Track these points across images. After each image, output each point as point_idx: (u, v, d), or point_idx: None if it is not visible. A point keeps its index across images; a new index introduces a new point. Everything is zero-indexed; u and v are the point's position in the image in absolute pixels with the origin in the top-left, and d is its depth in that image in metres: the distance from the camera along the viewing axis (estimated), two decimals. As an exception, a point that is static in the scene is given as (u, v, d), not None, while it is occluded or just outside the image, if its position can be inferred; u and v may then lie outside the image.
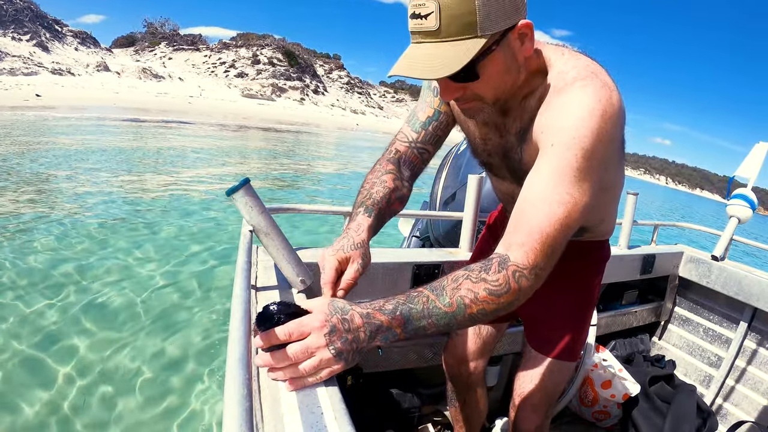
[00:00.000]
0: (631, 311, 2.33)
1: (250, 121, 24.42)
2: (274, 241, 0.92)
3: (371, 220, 0.90)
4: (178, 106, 25.61)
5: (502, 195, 1.22)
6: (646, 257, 2.22)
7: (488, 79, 0.77)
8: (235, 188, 0.87)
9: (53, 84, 25.41)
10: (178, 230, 5.13)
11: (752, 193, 2.19)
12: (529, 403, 1.25)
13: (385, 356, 1.65)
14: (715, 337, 2.31)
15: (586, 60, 0.83)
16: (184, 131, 15.77)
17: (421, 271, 1.58)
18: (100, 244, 4.37)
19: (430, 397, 1.88)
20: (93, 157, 8.60)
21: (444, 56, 0.70)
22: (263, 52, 46.62)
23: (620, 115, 0.76)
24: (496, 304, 0.69)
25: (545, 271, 0.73)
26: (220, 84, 41.05)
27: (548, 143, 0.77)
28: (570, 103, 0.76)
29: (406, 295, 0.70)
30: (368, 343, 0.67)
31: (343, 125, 35.77)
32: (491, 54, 0.74)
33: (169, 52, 45.23)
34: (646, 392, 2.05)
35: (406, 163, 1.05)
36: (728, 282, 2.20)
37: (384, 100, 63.73)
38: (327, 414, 0.59)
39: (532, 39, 0.78)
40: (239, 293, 0.69)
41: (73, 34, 36.84)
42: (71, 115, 15.28)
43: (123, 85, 30.90)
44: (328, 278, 0.78)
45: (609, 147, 0.76)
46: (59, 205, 5.37)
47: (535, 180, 0.76)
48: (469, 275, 0.70)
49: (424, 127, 1.05)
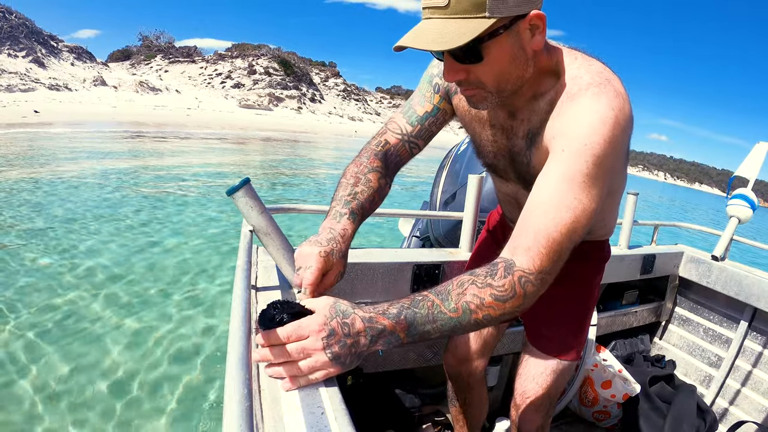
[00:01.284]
0: (632, 311, 2.33)
1: (248, 132, 24.49)
2: (275, 241, 0.92)
3: (355, 226, 0.89)
4: (176, 119, 25.64)
5: (503, 196, 1.21)
6: (646, 257, 2.22)
7: (492, 64, 0.76)
8: (235, 188, 0.87)
9: (51, 99, 25.46)
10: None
11: (752, 194, 2.19)
12: (531, 403, 1.24)
13: (386, 357, 1.65)
14: (715, 337, 2.31)
15: (599, 66, 0.83)
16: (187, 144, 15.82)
17: (421, 271, 1.58)
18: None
19: (431, 397, 1.88)
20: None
21: (449, 31, 0.70)
22: (259, 62, 46.74)
23: (630, 124, 0.77)
24: (501, 310, 0.69)
25: (551, 276, 0.72)
26: (217, 95, 41.13)
27: (559, 148, 0.77)
28: (583, 110, 0.76)
29: (411, 299, 0.69)
30: (369, 347, 0.66)
31: (341, 132, 35.86)
32: (498, 37, 0.72)
33: (165, 65, 45.34)
34: (646, 392, 2.05)
35: (393, 155, 1.03)
36: (728, 282, 2.20)
37: (381, 106, 63.82)
38: (327, 414, 0.59)
39: (543, 32, 0.76)
40: (239, 293, 0.69)
41: (69, 49, 36.90)
42: (67, 130, 15.29)
43: (120, 98, 30.95)
44: (313, 279, 0.76)
45: (618, 155, 0.76)
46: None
47: (544, 185, 0.76)
48: (475, 280, 0.69)
49: (421, 121, 1.03)
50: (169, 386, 2.59)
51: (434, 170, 2.67)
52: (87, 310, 3.32)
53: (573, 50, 0.86)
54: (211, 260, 4.65)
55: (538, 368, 1.23)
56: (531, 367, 1.25)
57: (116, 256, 4.42)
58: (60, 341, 2.86)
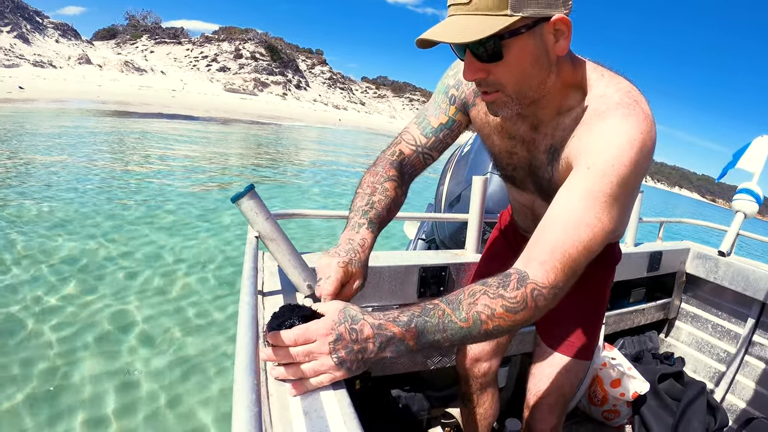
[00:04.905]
0: (639, 309, 2.31)
1: (234, 115, 24.58)
2: (280, 246, 0.92)
3: (374, 235, 0.91)
4: (161, 100, 25.70)
5: (519, 206, 1.21)
6: (652, 254, 2.21)
7: (512, 64, 0.75)
8: (239, 194, 0.87)
9: (35, 76, 25.33)
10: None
11: (758, 187, 2.14)
12: (545, 403, 1.23)
13: (393, 360, 1.62)
14: (723, 333, 2.29)
15: (627, 85, 0.82)
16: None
17: (427, 273, 1.58)
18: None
19: (439, 399, 1.87)
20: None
21: (470, 26, 0.70)
22: (246, 46, 46.53)
23: (654, 147, 0.77)
24: (512, 321, 0.69)
25: (563, 291, 0.72)
26: (202, 78, 40.98)
27: (584, 165, 0.76)
28: (612, 130, 0.75)
29: (421, 307, 0.68)
30: (377, 354, 0.66)
31: (325, 120, 35.91)
32: (519, 36, 0.72)
33: (150, 45, 44.93)
34: (655, 390, 2.04)
35: (408, 166, 1.04)
36: (736, 278, 2.19)
37: (366, 96, 64.11)
38: (336, 419, 0.59)
39: (568, 38, 0.75)
40: (246, 299, 0.69)
41: (54, 26, 36.33)
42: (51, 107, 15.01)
43: (105, 77, 30.69)
44: (332, 289, 0.77)
45: (640, 177, 0.76)
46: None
47: (565, 200, 0.75)
48: (487, 291, 0.69)
49: (435, 133, 1.04)
50: (180, 390, 2.56)
51: (439, 171, 2.64)
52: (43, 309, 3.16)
53: (599, 66, 0.86)
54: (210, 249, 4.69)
55: (551, 368, 1.23)
56: (545, 367, 1.24)
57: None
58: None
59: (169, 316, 3.28)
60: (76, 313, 3.11)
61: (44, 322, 2.95)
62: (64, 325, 2.95)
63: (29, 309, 3.07)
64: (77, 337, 2.85)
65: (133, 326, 3.07)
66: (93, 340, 2.84)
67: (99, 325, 3.01)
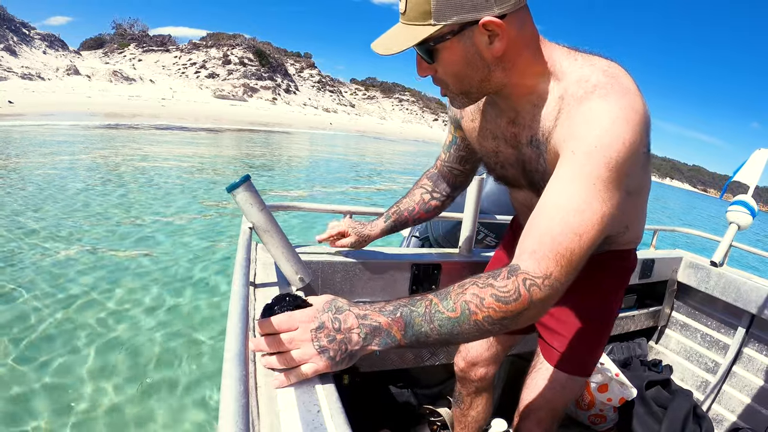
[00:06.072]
0: (629, 315, 2.32)
1: (224, 123, 24.43)
2: (274, 238, 0.92)
3: (385, 225, 1.28)
4: (151, 109, 25.56)
5: (518, 205, 1.20)
6: (645, 262, 2.21)
7: (445, 66, 0.80)
8: (235, 185, 0.87)
9: (24, 89, 25.06)
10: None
11: (753, 200, 2.16)
12: (535, 416, 1.21)
13: (382, 356, 1.65)
14: (712, 343, 2.30)
15: (604, 63, 0.81)
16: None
17: (419, 270, 1.60)
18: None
19: (428, 397, 1.89)
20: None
21: (399, 36, 0.76)
22: (234, 52, 46.36)
23: (644, 120, 0.74)
24: (503, 312, 0.66)
25: (561, 282, 0.69)
26: (191, 85, 40.78)
27: (569, 151, 0.75)
28: (592, 113, 0.74)
29: (409, 298, 0.69)
30: (363, 345, 0.66)
31: (315, 125, 35.73)
32: (446, 42, 0.75)
33: (138, 54, 44.63)
34: (642, 396, 2.05)
35: (441, 178, 1.30)
36: (727, 288, 2.19)
37: (355, 98, 64.04)
38: (323, 411, 0.60)
39: (504, 40, 0.75)
40: (238, 290, 0.69)
41: (41, 36, 35.74)
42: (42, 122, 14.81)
43: (94, 88, 30.27)
44: (325, 235, 1.16)
45: (633, 154, 0.72)
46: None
47: (552, 188, 0.74)
48: (476, 281, 0.68)
49: (447, 149, 1.25)
50: (167, 383, 2.64)
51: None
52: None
53: (572, 50, 0.85)
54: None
55: (548, 382, 1.19)
56: (541, 380, 1.20)
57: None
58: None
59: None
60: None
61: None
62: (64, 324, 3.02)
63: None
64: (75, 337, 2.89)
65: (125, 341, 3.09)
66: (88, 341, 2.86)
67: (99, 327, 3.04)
